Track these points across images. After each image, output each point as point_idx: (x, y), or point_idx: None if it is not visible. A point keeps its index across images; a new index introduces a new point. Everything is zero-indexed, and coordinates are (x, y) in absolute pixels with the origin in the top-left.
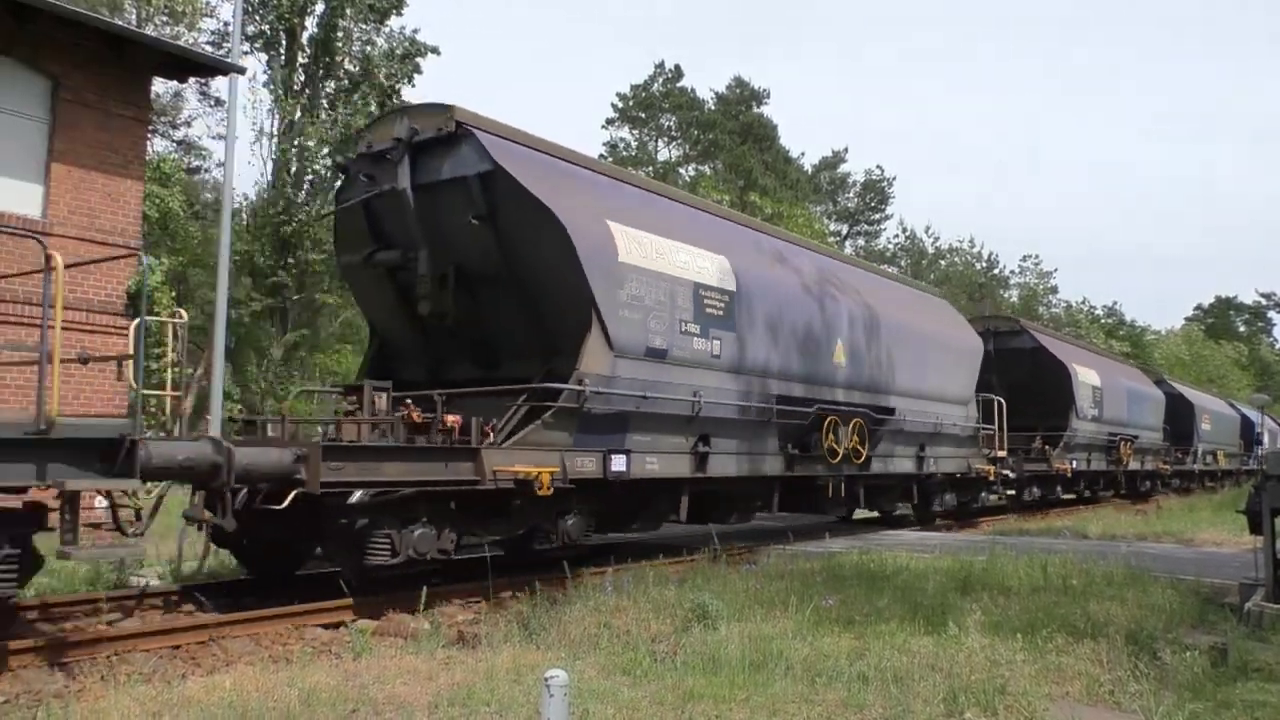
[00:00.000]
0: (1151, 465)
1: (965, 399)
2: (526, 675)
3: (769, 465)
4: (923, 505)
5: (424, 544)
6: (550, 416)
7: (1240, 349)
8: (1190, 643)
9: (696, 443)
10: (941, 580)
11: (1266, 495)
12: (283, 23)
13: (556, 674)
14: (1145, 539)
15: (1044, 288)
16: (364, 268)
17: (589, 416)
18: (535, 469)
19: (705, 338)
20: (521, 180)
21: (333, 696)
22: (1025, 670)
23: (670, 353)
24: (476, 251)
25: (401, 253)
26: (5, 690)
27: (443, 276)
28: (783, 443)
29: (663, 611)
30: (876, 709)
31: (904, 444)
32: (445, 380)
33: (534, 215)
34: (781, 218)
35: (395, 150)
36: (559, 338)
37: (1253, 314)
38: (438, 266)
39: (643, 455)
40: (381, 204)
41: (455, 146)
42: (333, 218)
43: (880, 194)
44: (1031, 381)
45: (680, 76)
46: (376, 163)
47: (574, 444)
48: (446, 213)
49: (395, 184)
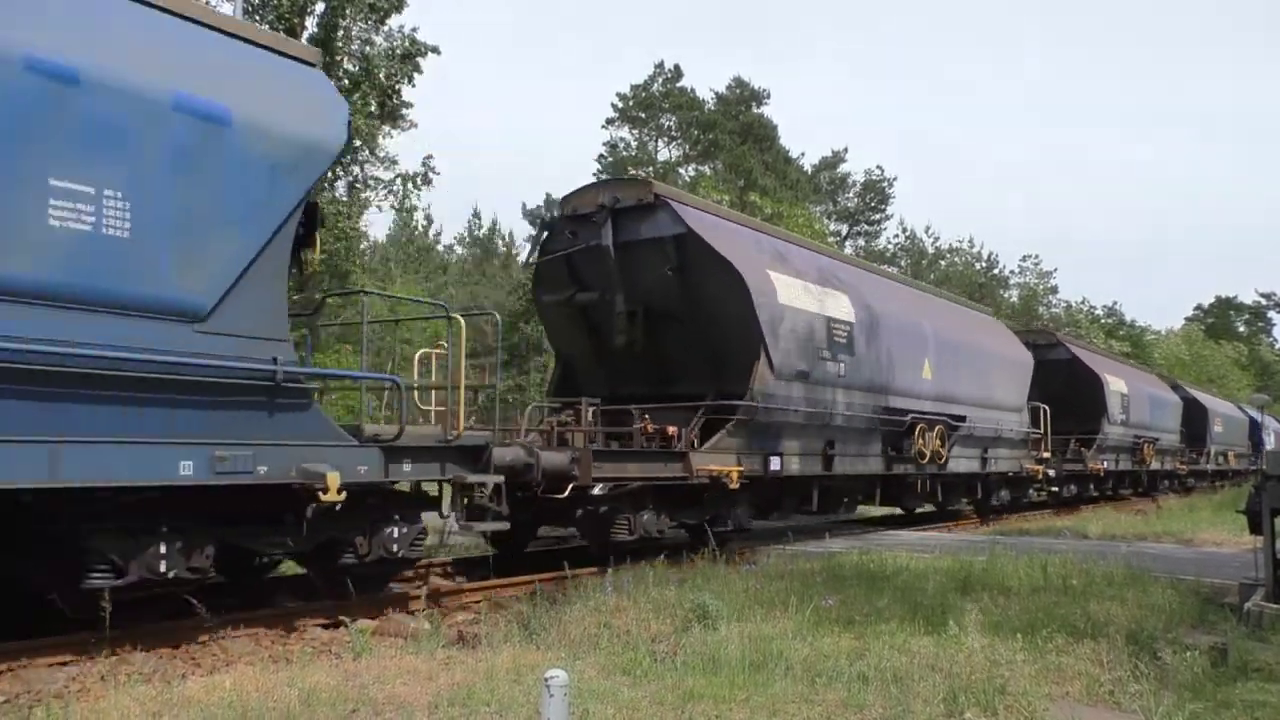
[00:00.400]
0: (1170, 465)
1: (1019, 407)
2: (526, 675)
3: (873, 465)
4: (983, 500)
5: (651, 525)
6: (732, 426)
7: (1240, 349)
8: (1190, 643)
9: (825, 447)
10: (941, 580)
11: (1266, 495)
12: (283, 22)
13: (556, 674)
14: (1145, 539)
15: (1044, 288)
16: (563, 306)
17: (755, 426)
18: (726, 468)
19: (834, 361)
20: (710, 241)
21: (333, 696)
22: (1025, 670)
23: (811, 374)
24: (664, 295)
25: (599, 295)
26: (5, 690)
27: (633, 313)
28: (884, 446)
29: (663, 611)
30: (876, 709)
31: (972, 447)
32: (621, 396)
33: (719, 269)
34: (781, 218)
35: (599, 214)
36: (729, 364)
37: (1253, 314)
38: (631, 306)
39: (790, 457)
40: (582, 256)
41: (652, 213)
42: (535, 263)
43: (880, 194)
44: (1067, 390)
45: (680, 76)
46: (580, 222)
47: (745, 448)
48: (642, 264)
49: (600, 241)
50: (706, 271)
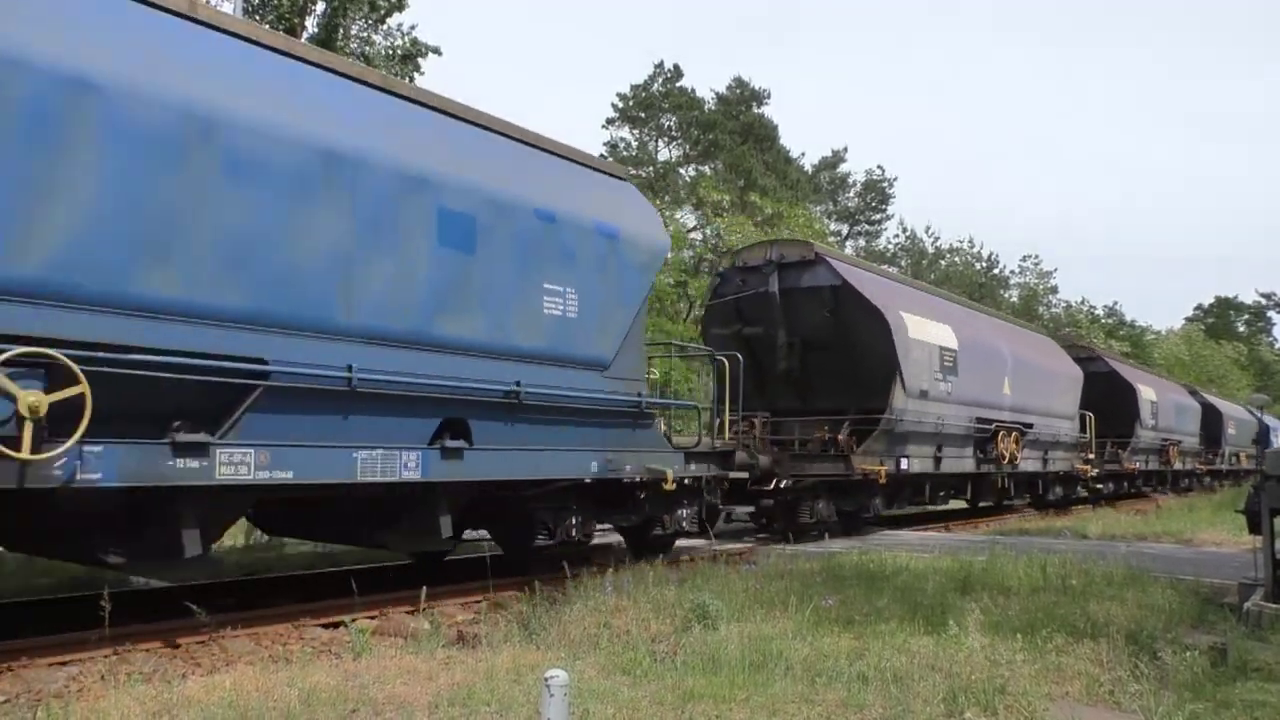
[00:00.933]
0: (1191, 465)
1: (1072, 415)
2: (526, 675)
3: (967, 465)
4: (1042, 495)
5: (823, 511)
6: (877, 434)
7: (1240, 349)
8: (1190, 643)
9: (935, 450)
10: (941, 580)
11: (1265, 495)
12: (283, 22)
13: (556, 674)
14: (1145, 539)
15: (1044, 288)
16: (731, 338)
17: (892, 434)
18: (876, 467)
19: (944, 381)
20: (861, 290)
21: (333, 696)
22: (1025, 670)
23: (929, 393)
24: (818, 330)
25: (763, 330)
26: (5, 690)
27: (792, 344)
28: (975, 450)
29: (662, 611)
30: (876, 709)
31: (1037, 450)
32: (777, 410)
33: (867, 312)
34: (781, 218)
35: (766, 266)
36: (870, 385)
37: (1253, 314)
38: (791, 339)
39: (913, 459)
40: (749, 299)
41: (812, 267)
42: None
43: (880, 194)
44: (1105, 399)
45: (680, 76)
46: (748, 272)
47: (885, 452)
48: (801, 307)
49: (767, 288)
50: (857, 313)
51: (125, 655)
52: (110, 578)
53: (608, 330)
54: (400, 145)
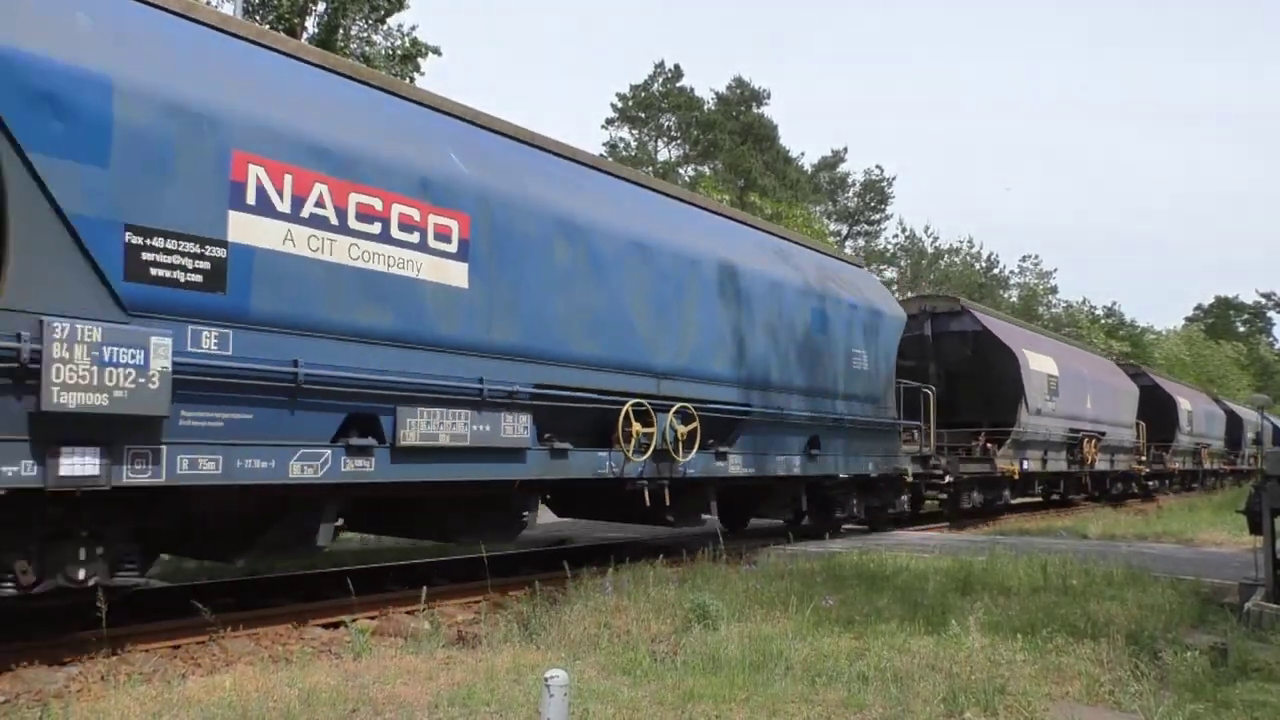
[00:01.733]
0: (1216, 465)
1: (1131, 424)
2: (526, 675)
3: (1062, 466)
4: (1108, 490)
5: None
6: (1009, 443)
7: (1240, 349)
8: (1190, 643)
9: (1043, 455)
10: (941, 580)
11: (1266, 495)
12: (283, 23)
13: (556, 674)
14: (1145, 539)
15: (1044, 288)
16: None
17: (1017, 442)
18: (1011, 466)
19: (1050, 400)
20: (998, 335)
21: (333, 696)
22: (1025, 670)
23: (1041, 410)
24: (961, 363)
25: (916, 362)
26: (6, 690)
27: (939, 374)
28: (1067, 453)
29: (663, 611)
30: (876, 709)
31: (1107, 453)
32: None
33: (1002, 351)
34: (781, 218)
35: (920, 316)
36: (1001, 404)
37: (1253, 314)
38: (939, 370)
39: (1030, 461)
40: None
41: (959, 316)
42: None
43: (880, 194)
44: (1149, 409)
45: (680, 76)
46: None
47: (1013, 456)
48: (947, 345)
49: (922, 331)
50: (994, 352)
51: (125, 655)
52: None
53: (879, 376)
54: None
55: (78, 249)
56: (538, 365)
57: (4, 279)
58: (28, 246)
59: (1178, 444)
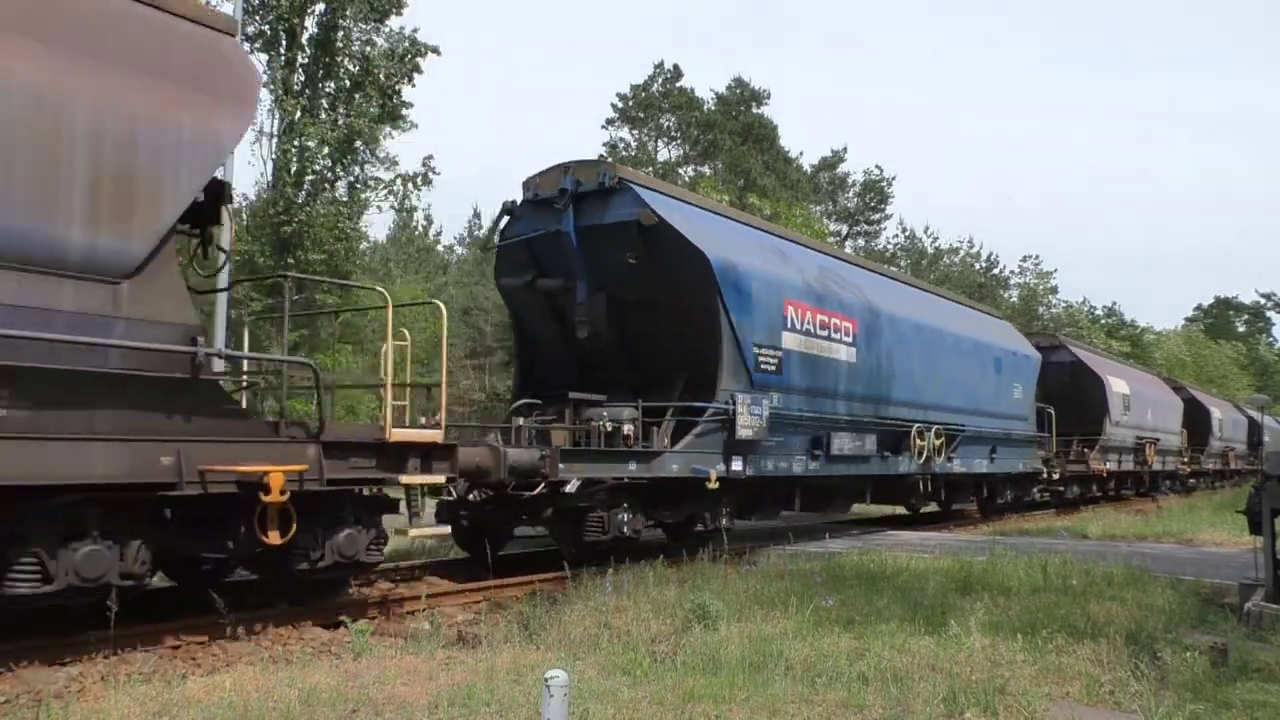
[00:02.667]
0: (1239, 465)
1: (1178, 431)
2: (526, 675)
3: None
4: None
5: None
6: (1098, 447)
7: (1240, 349)
8: (1190, 643)
9: (1119, 458)
10: (941, 580)
11: (1266, 495)
12: (282, 23)
13: (556, 674)
14: (1145, 539)
15: (1044, 288)
16: None
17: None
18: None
19: (1125, 414)
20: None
21: (333, 696)
22: (1025, 670)
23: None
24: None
25: None
26: (5, 690)
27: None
28: (1134, 456)
29: (662, 612)
30: (876, 709)
31: (1160, 455)
32: None
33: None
34: (780, 218)
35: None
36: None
37: (1252, 314)
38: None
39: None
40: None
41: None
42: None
43: (880, 194)
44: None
45: (679, 77)
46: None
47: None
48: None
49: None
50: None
51: (125, 655)
52: None
53: (1026, 400)
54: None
55: (741, 357)
56: (878, 405)
57: (720, 376)
58: (730, 360)
59: (1210, 448)
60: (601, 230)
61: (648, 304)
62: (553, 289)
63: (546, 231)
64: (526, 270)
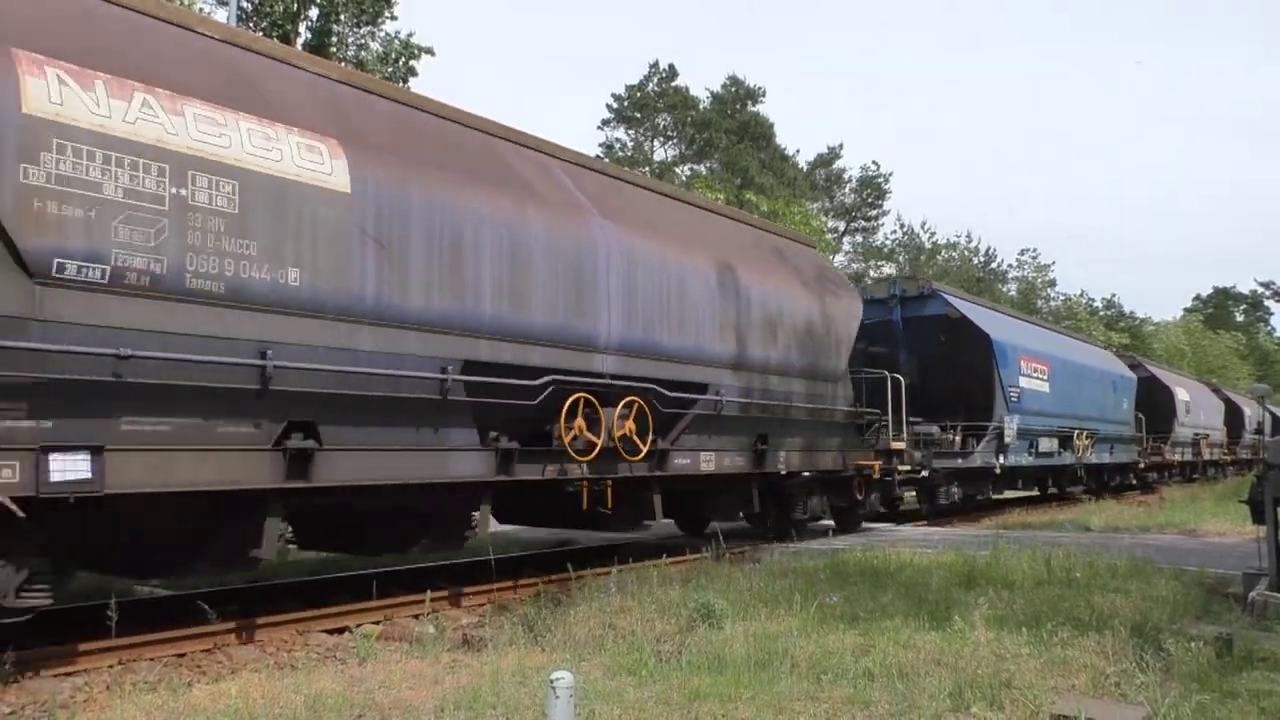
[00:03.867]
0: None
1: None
2: (532, 677)
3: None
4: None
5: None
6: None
7: (1239, 339)
8: (1195, 633)
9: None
10: (945, 575)
11: (1268, 485)
12: (277, 29)
13: (562, 675)
14: (1148, 531)
15: (1042, 281)
16: None
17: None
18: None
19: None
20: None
21: (338, 702)
22: (1030, 664)
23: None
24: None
25: None
26: (11, 701)
27: None
28: (1193, 449)
29: (667, 611)
30: (882, 705)
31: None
32: None
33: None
34: (777, 215)
35: None
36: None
37: (1251, 304)
38: None
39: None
40: None
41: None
42: None
43: (877, 190)
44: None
45: (675, 76)
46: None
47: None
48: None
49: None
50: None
51: (131, 664)
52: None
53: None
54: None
55: (1004, 394)
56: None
57: (994, 406)
58: (999, 396)
59: (1243, 441)
60: (921, 320)
61: (945, 362)
62: (879, 354)
63: (879, 320)
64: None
